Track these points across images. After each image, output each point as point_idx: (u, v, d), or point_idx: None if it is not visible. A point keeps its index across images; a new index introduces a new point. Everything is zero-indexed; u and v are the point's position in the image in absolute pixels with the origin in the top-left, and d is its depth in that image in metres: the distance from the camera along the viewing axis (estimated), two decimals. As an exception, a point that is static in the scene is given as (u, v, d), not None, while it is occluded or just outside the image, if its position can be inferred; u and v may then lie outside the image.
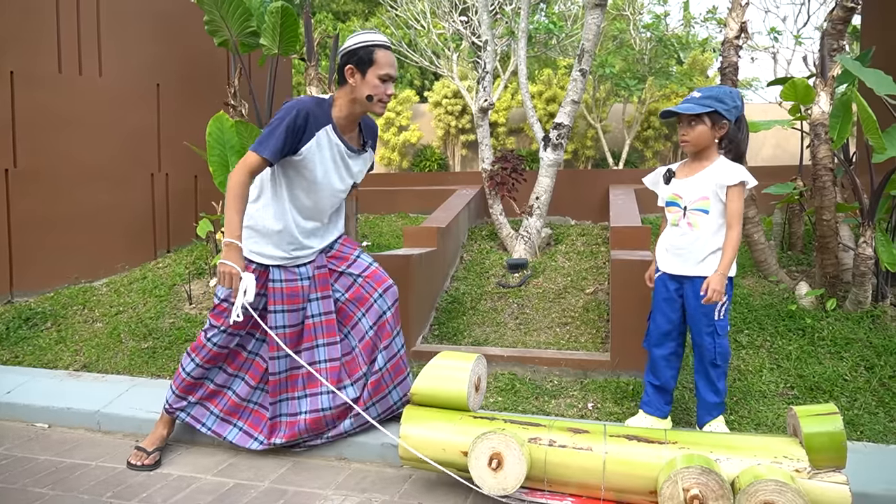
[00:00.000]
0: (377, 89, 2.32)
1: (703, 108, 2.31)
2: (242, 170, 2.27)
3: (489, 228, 4.84)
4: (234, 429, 2.64)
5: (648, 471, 2.00)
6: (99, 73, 4.57)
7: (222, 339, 2.53)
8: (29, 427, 3.06)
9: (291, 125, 2.27)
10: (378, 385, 2.63)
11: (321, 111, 2.36)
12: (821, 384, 2.81)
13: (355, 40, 2.33)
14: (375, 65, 2.31)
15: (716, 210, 2.36)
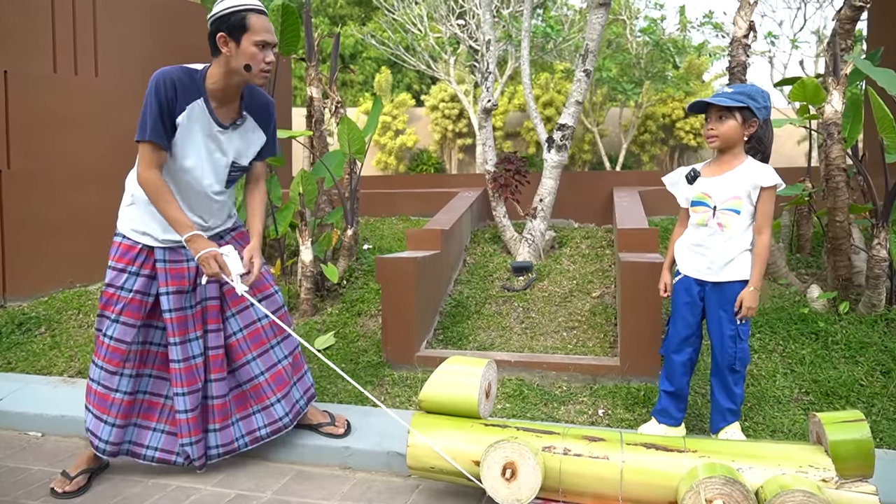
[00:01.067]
0: (255, 58, 2.13)
1: (735, 102, 2.24)
2: (143, 167, 2.14)
3: (492, 231, 4.77)
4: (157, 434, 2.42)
5: (667, 480, 1.93)
6: (95, 73, 4.49)
7: (118, 331, 2.29)
8: (21, 436, 2.97)
9: (161, 97, 2.10)
10: (258, 392, 2.46)
11: (191, 82, 2.17)
12: (836, 389, 2.74)
13: (225, 5, 2.11)
14: (250, 31, 2.11)
15: (746, 211, 2.29)
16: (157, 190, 2.15)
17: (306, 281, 3.73)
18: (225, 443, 2.45)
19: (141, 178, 2.17)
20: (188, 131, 2.20)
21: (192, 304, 2.38)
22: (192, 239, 2.17)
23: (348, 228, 3.98)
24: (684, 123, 10.83)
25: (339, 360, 3.34)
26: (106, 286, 2.33)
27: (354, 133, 3.83)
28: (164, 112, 2.13)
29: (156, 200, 2.16)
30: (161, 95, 2.12)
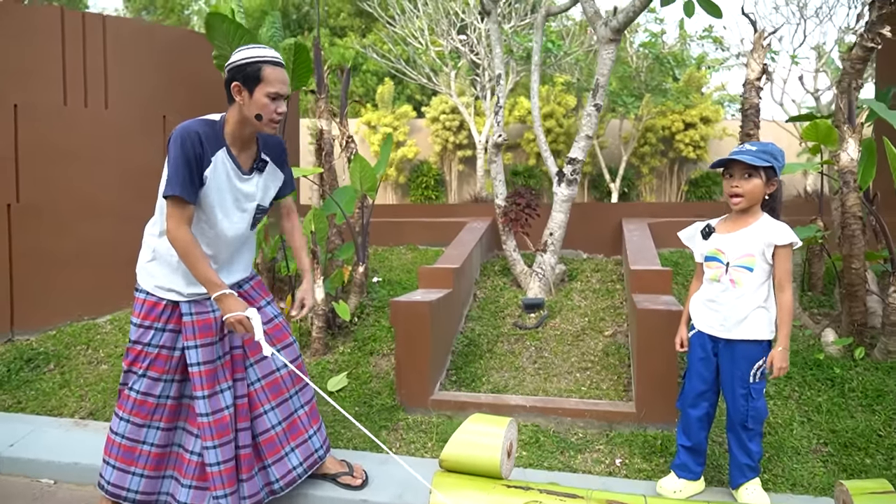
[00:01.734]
0: (266, 108, 2.16)
1: (762, 162, 2.24)
2: (174, 224, 2.14)
3: (501, 263, 4.77)
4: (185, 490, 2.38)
5: (694, 549, 1.92)
6: (105, 106, 4.48)
7: (144, 385, 2.31)
8: (34, 483, 2.95)
9: (188, 153, 2.12)
10: (272, 445, 2.46)
11: (213, 134, 2.20)
12: (855, 440, 2.74)
13: (242, 55, 2.17)
14: (263, 82, 2.15)
15: (760, 268, 2.30)
16: (188, 247, 2.15)
17: (318, 319, 3.72)
18: (251, 493, 2.43)
19: (171, 236, 2.17)
20: (216, 182, 2.22)
21: (221, 354, 2.39)
22: (222, 298, 2.17)
23: (359, 264, 3.98)
24: (684, 136, 10.88)
25: (352, 403, 3.32)
26: (133, 343, 2.33)
27: (367, 171, 3.84)
28: (193, 167, 2.14)
29: (186, 258, 2.16)
30: (189, 152, 2.13)
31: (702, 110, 11.11)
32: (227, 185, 2.26)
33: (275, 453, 2.47)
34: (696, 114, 10.96)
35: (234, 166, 2.26)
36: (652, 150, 11.17)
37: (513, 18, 10.75)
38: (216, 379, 2.34)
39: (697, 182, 10.72)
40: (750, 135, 3.50)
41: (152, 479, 2.40)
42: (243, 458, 2.39)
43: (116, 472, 2.37)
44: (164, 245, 2.28)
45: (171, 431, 2.42)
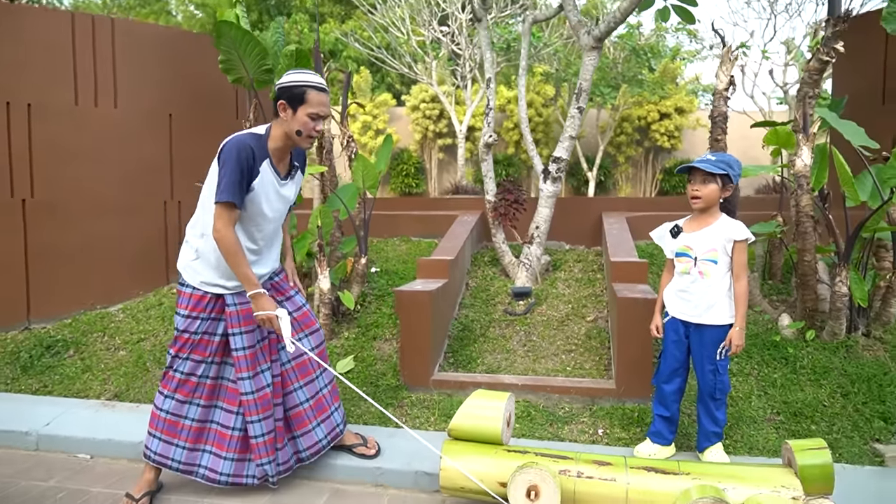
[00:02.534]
0: (306, 126, 2.45)
1: (718, 170, 2.64)
2: (222, 225, 2.40)
3: (490, 254, 5.11)
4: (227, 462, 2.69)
5: (665, 499, 2.30)
6: (114, 105, 4.69)
7: (187, 367, 2.63)
8: (71, 458, 3.22)
9: (241, 164, 2.39)
10: (300, 419, 2.79)
11: (259, 146, 2.47)
12: (803, 410, 3.16)
13: (291, 78, 2.46)
14: (306, 103, 2.43)
15: (722, 261, 2.68)
16: (232, 247, 2.43)
17: (324, 307, 4.03)
18: (284, 461, 2.77)
19: (219, 235, 2.42)
20: (263, 189, 2.52)
21: (260, 339, 2.70)
22: (257, 297, 2.48)
23: (361, 257, 4.28)
24: (659, 126, 11.17)
25: (359, 384, 3.65)
26: (181, 332, 2.62)
27: (369, 169, 4.13)
28: (244, 178, 2.42)
29: (229, 257, 2.44)
30: (243, 164, 2.40)
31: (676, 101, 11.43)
32: (271, 191, 2.56)
33: (303, 426, 2.80)
34: (670, 104, 11.28)
35: (275, 174, 2.56)
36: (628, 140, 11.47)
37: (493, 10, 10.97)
38: (258, 361, 2.66)
39: (671, 171, 11.07)
40: (718, 140, 3.87)
41: (192, 451, 2.72)
42: (278, 430, 2.72)
43: (162, 443, 2.69)
44: (206, 245, 2.56)
45: (208, 409, 2.74)
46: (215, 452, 2.73)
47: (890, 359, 3.43)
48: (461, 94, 12.02)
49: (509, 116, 11.56)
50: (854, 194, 3.31)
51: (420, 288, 3.69)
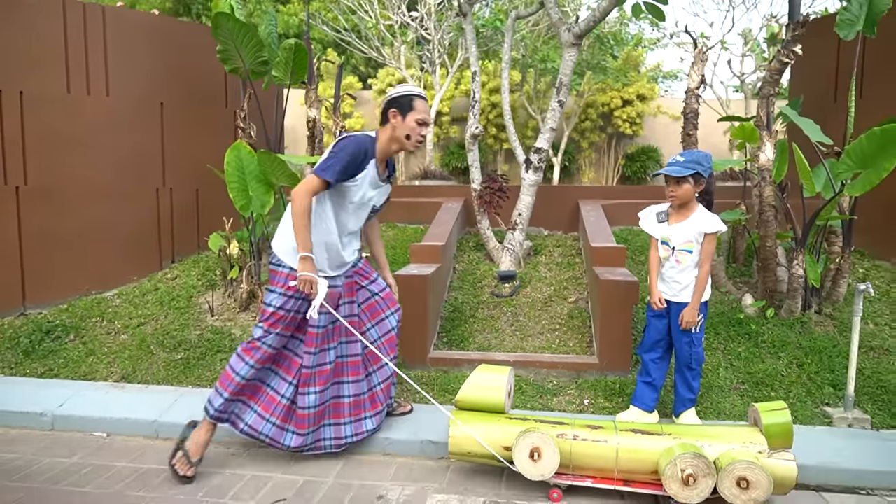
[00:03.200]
0: (414, 130, 2.81)
1: (688, 171, 2.93)
2: (306, 191, 2.65)
3: (475, 240, 5.38)
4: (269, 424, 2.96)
5: (650, 457, 2.62)
6: (106, 93, 4.75)
7: (276, 341, 2.88)
8: (88, 437, 3.37)
9: (355, 156, 2.71)
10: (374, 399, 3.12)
11: (372, 146, 2.82)
12: (764, 379, 3.54)
13: (400, 90, 2.83)
14: (414, 110, 2.80)
15: (696, 250, 3.01)
16: (304, 211, 2.66)
17: (322, 291, 4.22)
18: (316, 439, 3.02)
19: (298, 196, 2.65)
20: (360, 183, 2.81)
21: (332, 322, 2.95)
22: (304, 259, 2.68)
23: (356, 243, 4.48)
24: (621, 112, 11.45)
25: (360, 362, 3.88)
26: (275, 309, 2.83)
27: (364, 159, 4.32)
28: (350, 168, 2.72)
29: (297, 217, 2.66)
30: (356, 157, 2.72)
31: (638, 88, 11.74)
32: (367, 186, 2.85)
33: (338, 418, 3.06)
34: (633, 91, 11.60)
35: (376, 174, 2.86)
36: (592, 126, 11.73)
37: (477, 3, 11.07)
38: (327, 339, 2.93)
39: (633, 156, 11.39)
40: (689, 134, 4.20)
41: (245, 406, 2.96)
42: (349, 405, 3.03)
43: (224, 401, 2.89)
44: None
45: (268, 373, 2.98)
46: (260, 413, 2.96)
47: (838, 333, 3.85)
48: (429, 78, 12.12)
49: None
50: (811, 186, 3.68)
51: (417, 272, 3.93)
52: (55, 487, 2.80)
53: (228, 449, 3.22)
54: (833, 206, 3.72)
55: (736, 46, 11.90)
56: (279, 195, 4.31)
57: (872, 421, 3.24)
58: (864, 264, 4.74)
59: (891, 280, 4.51)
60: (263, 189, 4.14)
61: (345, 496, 2.74)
